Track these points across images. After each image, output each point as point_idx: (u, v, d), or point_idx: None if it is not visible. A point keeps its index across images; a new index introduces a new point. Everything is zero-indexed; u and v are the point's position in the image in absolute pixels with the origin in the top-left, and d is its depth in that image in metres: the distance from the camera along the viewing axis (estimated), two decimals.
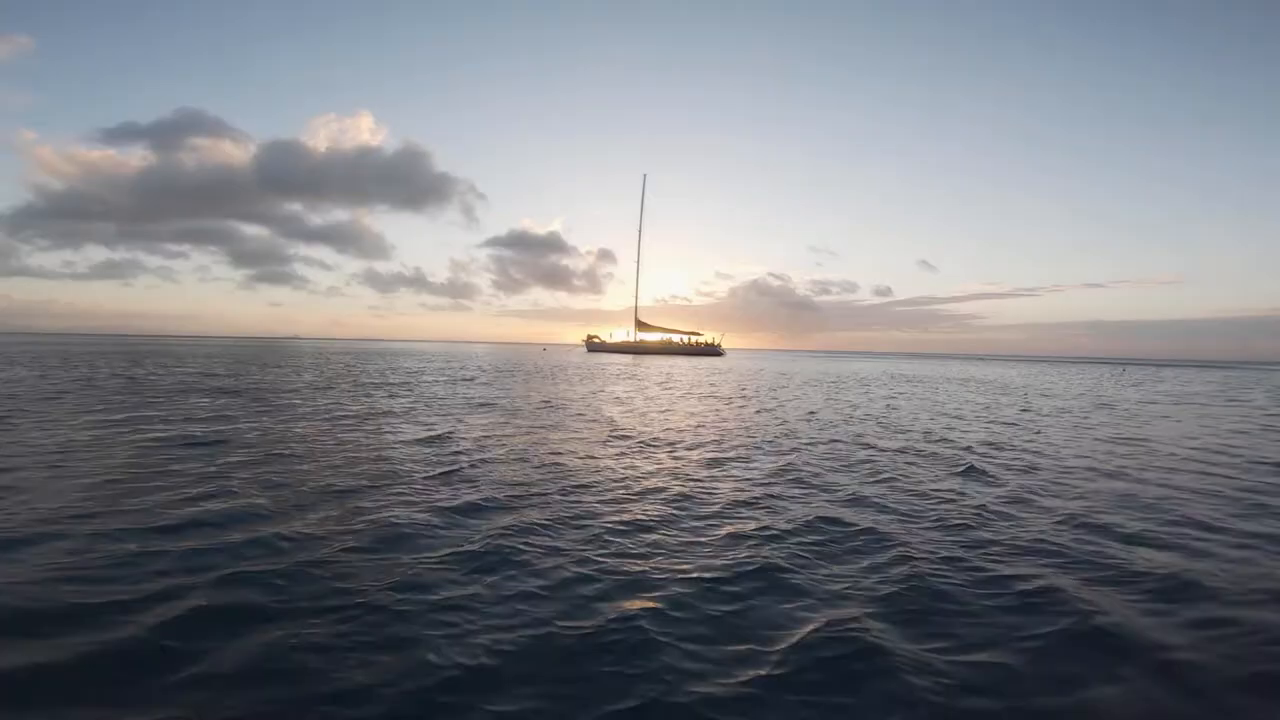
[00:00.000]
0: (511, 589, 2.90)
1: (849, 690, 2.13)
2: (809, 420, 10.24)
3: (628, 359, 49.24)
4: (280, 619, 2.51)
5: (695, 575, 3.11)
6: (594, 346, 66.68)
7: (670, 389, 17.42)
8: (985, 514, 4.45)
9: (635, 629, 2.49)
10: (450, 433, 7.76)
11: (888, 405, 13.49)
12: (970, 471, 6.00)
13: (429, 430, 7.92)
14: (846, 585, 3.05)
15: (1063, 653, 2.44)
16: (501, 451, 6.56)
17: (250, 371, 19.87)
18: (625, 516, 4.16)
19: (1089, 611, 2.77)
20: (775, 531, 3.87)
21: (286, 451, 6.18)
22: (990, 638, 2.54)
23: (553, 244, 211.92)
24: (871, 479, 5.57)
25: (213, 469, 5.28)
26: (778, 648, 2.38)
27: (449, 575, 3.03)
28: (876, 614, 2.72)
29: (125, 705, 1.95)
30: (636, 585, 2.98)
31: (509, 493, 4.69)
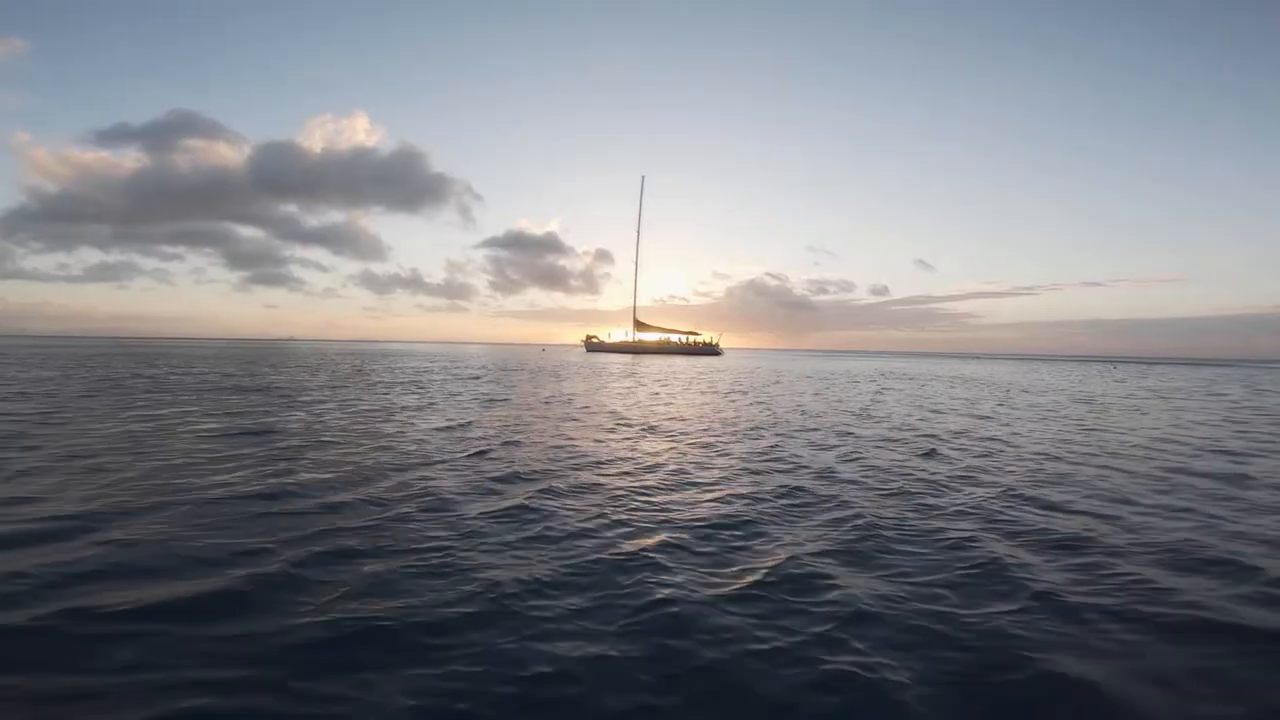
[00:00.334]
0: (552, 533, 3.73)
1: (806, 599, 2.95)
2: (796, 412, 11.08)
3: (627, 358, 50.08)
4: (378, 557, 3.33)
5: (692, 525, 3.94)
6: (593, 346, 67.48)
7: (669, 385, 18.26)
8: (936, 487, 5.29)
9: (649, 559, 3.32)
10: (472, 422, 8.58)
11: (872, 400, 14.34)
12: (932, 454, 6.85)
13: (452, 421, 8.74)
14: (810, 535, 3.88)
15: (974, 583, 3.25)
16: (522, 437, 7.39)
17: (263, 372, 20.62)
18: (634, 484, 4.99)
19: (999, 556, 3.59)
20: (757, 496, 4.71)
21: (331, 439, 6.99)
22: (918, 570, 3.37)
23: (550, 244, 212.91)
24: (844, 459, 6.41)
25: (275, 451, 6.09)
26: (754, 573, 3.21)
27: (503, 524, 3.86)
28: (830, 553, 3.54)
29: (276, 613, 2.76)
30: (648, 531, 3.81)
31: (536, 467, 5.52)
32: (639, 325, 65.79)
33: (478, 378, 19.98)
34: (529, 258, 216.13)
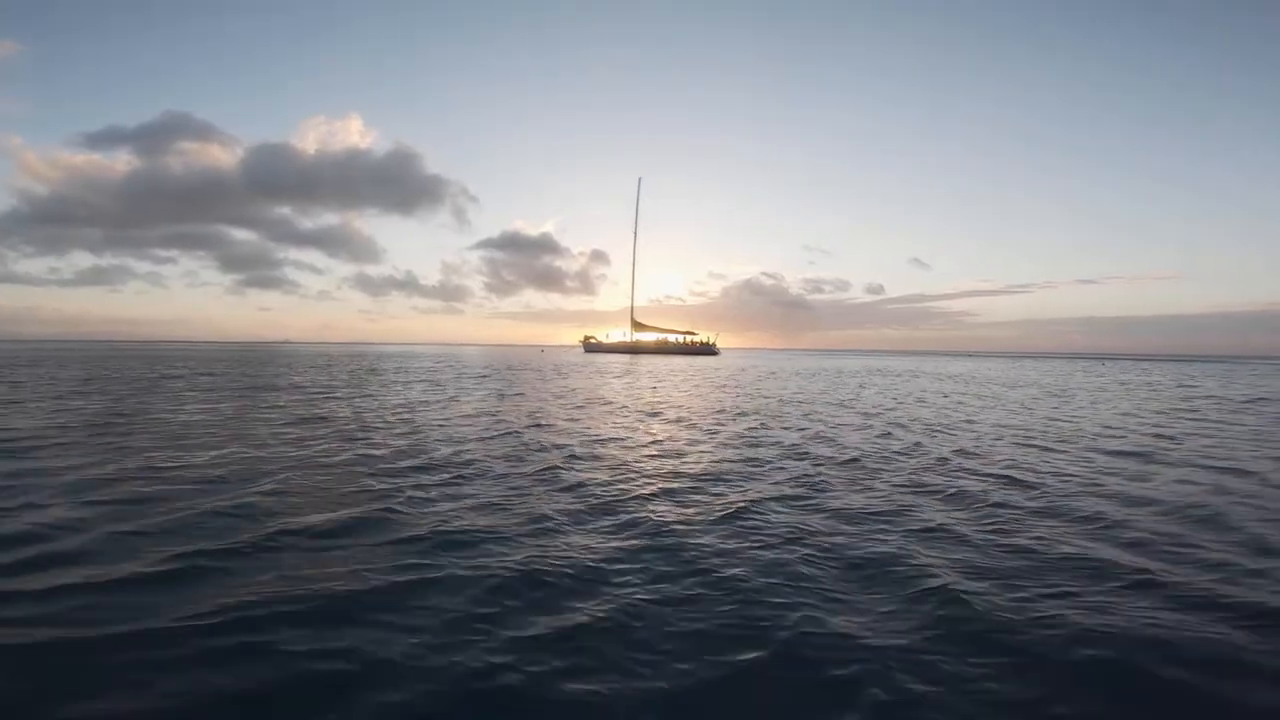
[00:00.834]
0: (590, 481, 5.03)
1: (749, 525, 4.23)
2: (780, 402, 12.40)
3: (625, 358, 51.41)
4: (460, 495, 4.61)
5: (681, 478, 5.25)
6: (591, 347, 68.76)
7: (667, 381, 19.58)
8: (878, 456, 6.60)
9: (650, 501, 4.63)
10: (498, 411, 9.88)
11: (852, 393, 15.67)
12: (887, 435, 8.16)
13: (478, 410, 10.03)
14: (766, 485, 5.18)
15: (879, 507, 4.54)
16: (549, 421, 8.70)
17: (281, 373, 21.85)
18: (643, 451, 6.30)
19: (890, 494, 4.90)
20: (732, 461, 6.02)
21: (384, 424, 8.28)
22: (839, 508, 4.66)
23: (545, 245, 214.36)
24: (811, 439, 7.72)
25: (341, 432, 7.38)
26: (720, 507, 4.50)
27: (543, 482, 5.18)
28: (776, 497, 4.83)
29: (409, 525, 4.04)
30: (650, 482, 5.11)
31: (571, 439, 6.82)
32: (637, 326, 67.11)
33: (487, 376, 21.28)
34: (524, 259, 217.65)
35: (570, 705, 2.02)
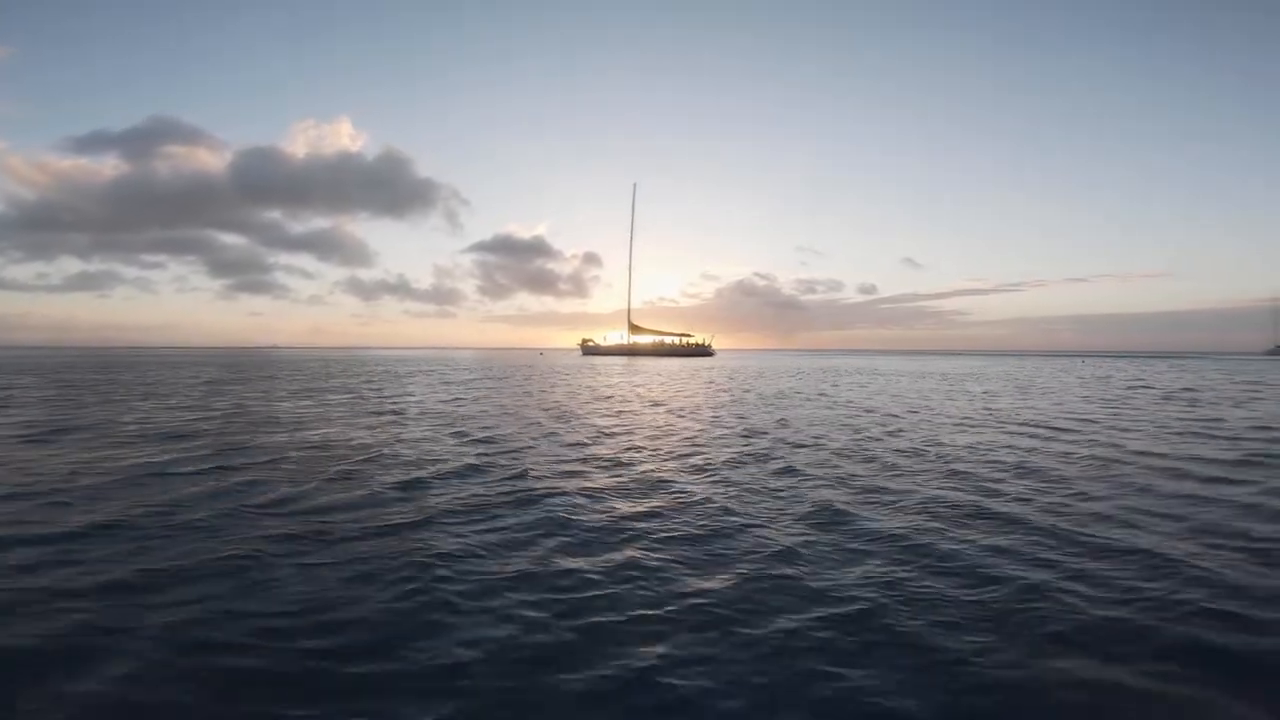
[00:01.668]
0: (595, 443, 7.15)
1: (712, 479, 6.35)
2: (761, 395, 14.55)
3: (623, 360, 53.54)
4: (545, 453, 6.72)
5: (669, 450, 7.38)
6: (589, 349, 70.79)
7: (666, 381, 21.71)
8: (837, 430, 8.74)
9: (649, 465, 6.75)
10: (561, 403, 11.99)
11: (831, 387, 17.85)
12: (856, 417, 10.31)
13: (519, 404, 12.12)
14: (728, 449, 7.31)
15: (827, 471, 6.65)
16: (577, 405, 10.81)
17: (310, 379, 23.82)
18: (650, 430, 8.42)
19: (838, 463, 7.03)
20: (715, 433, 8.16)
21: (470, 415, 10.35)
22: (788, 474, 6.78)
23: (538, 248, 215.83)
24: (779, 424, 9.86)
25: (454, 407, 9.47)
26: (710, 460, 6.61)
27: (585, 443, 7.30)
28: (729, 461, 6.96)
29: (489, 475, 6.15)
30: (651, 458, 7.24)
31: (602, 421, 8.93)
32: (634, 328, 69.21)
33: (506, 378, 23.36)
34: (517, 262, 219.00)
35: None
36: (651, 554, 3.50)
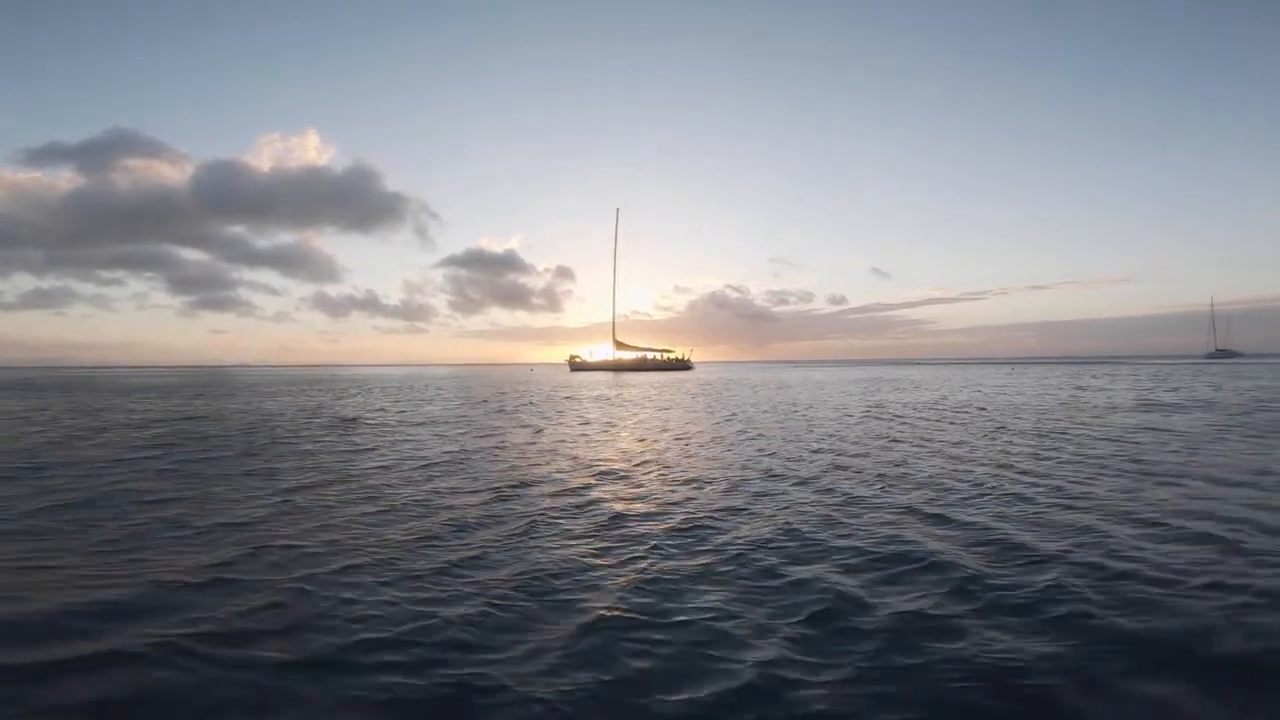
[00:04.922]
0: (613, 436, 11.17)
1: (691, 455, 10.38)
2: (730, 404, 18.67)
3: (609, 376, 57.32)
4: (600, 456, 10.67)
5: (663, 436, 11.45)
6: (576, 365, 74.30)
7: (653, 391, 25.72)
8: (774, 425, 12.88)
9: (646, 451, 10.79)
10: (552, 424, 15.92)
11: (786, 392, 22.05)
12: (791, 412, 14.48)
13: (547, 421, 16.01)
14: (698, 428, 11.39)
15: (775, 452, 10.69)
16: (595, 416, 14.75)
17: (319, 400, 27.22)
18: (646, 425, 12.43)
19: (768, 447, 11.12)
20: (694, 428, 12.25)
21: (503, 423, 14.21)
22: (740, 457, 10.84)
23: (510, 262, 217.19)
24: (738, 424, 13.96)
25: (453, 435, 13.35)
26: (688, 450, 10.66)
27: (608, 442, 11.32)
28: (684, 438, 11.02)
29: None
30: (649, 443, 11.29)
31: (616, 418, 12.90)
32: (619, 345, 73.10)
33: (505, 394, 27.09)
34: (489, 276, 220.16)
35: None
36: None
